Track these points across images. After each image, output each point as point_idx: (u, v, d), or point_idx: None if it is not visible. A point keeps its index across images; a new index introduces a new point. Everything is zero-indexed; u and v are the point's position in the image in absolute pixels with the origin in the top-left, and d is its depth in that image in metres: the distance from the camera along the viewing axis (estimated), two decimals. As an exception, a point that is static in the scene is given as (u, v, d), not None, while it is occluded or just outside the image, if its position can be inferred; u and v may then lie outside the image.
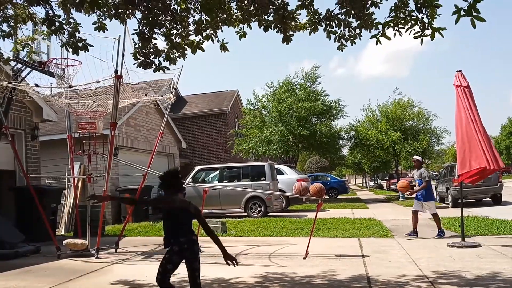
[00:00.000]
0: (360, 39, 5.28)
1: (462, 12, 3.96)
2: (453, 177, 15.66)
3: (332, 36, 5.22)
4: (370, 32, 5.02)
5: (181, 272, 4.49)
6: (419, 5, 4.57)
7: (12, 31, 5.85)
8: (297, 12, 5.13)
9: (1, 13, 5.40)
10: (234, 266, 3.91)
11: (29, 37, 6.95)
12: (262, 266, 6.87)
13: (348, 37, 5.23)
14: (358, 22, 5.01)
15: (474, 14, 3.94)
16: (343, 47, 5.33)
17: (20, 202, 10.18)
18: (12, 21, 5.64)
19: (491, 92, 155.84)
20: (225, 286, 5.71)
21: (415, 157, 10.03)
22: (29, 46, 7.23)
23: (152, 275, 6.41)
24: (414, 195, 9.84)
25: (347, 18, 5.05)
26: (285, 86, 24.49)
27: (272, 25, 5.21)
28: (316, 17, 5.12)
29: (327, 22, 5.12)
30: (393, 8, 4.75)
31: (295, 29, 5.29)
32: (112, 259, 7.82)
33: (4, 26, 5.70)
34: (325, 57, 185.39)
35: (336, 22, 5.10)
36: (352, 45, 5.33)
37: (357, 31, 5.15)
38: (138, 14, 5.19)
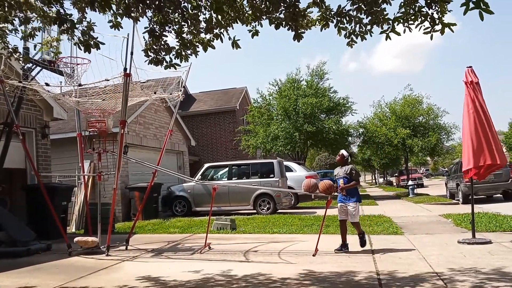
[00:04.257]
0: (371, 36, 5.23)
1: (471, 5, 3.93)
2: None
3: (343, 32, 5.19)
4: (382, 28, 4.98)
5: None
6: (428, 1, 4.52)
7: (32, 32, 5.91)
8: (308, 10, 5.10)
9: (21, 15, 5.44)
10: None
11: (54, 38, 6.99)
12: (272, 263, 6.88)
13: (358, 33, 5.20)
14: (369, 18, 4.97)
15: (483, 7, 3.91)
16: (353, 43, 5.29)
17: (31, 200, 10.28)
18: (34, 22, 5.68)
19: (506, 87, 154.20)
20: (238, 283, 5.72)
21: (342, 151, 8.09)
22: (55, 47, 7.28)
23: (166, 271, 6.47)
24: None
25: (358, 15, 5.01)
26: (289, 83, 24.44)
27: (283, 22, 5.17)
28: (328, 13, 5.08)
29: (338, 18, 5.09)
30: (402, 4, 4.71)
31: (306, 27, 5.26)
32: (122, 256, 7.87)
33: (23, 27, 5.76)
34: (337, 51, 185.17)
35: (347, 19, 5.06)
36: (362, 41, 5.29)
37: (368, 27, 5.11)
38: (149, 12, 5.21)
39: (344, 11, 5.01)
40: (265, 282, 5.67)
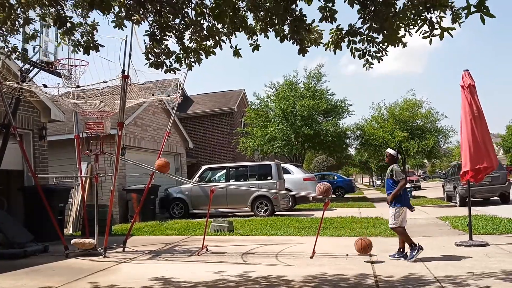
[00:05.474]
0: (386, 55, 5.13)
1: (472, 8, 3.96)
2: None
3: (357, 53, 5.12)
4: (395, 47, 4.95)
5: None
6: (428, 5, 4.53)
7: (34, 34, 5.92)
8: (315, 24, 5.06)
9: (24, 16, 5.45)
10: None
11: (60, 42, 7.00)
12: (269, 265, 6.88)
13: (374, 53, 5.13)
14: (382, 37, 4.94)
15: (484, 10, 3.94)
16: (369, 65, 5.23)
17: (28, 202, 10.25)
18: (35, 23, 5.70)
19: (504, 90, 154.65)
20: (235, 285, 5.71)
21: (388, 150, 7.53)
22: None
23: (163, 273, 6.46)
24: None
25: (370, 33, 4.97)
26: (287, 85, 24.50)
27: (289, 36, 5.13)
28: (339, 33, 5.02)
29: (350, 38, 5.02)
30: (402, 8, 4.72)
31: (315, 43, 5.23)
32: (119, 258, 7.85)
33: (26, 29, 5.78)
34: (336, 53, 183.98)
35: (359, 37, 5.02)
36: (379, 62, 5.18)
37: (382, 46, 5.06)
38: (150, 17, 5.21)
39: (355, 29, 4.96)
40: (262, 284, 5.67)
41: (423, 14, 4.64)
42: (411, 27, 4.78)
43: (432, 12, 4.55)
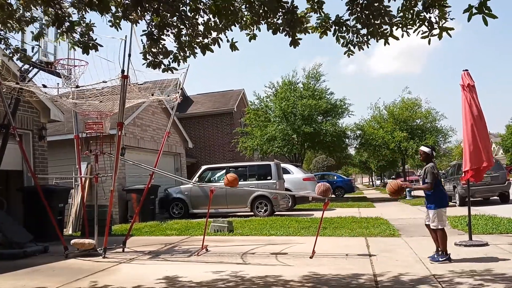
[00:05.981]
0: (368, 47, 5.20)
1: (474, 10, 3.96)
2: (460, 175, 15.59)
3: (341, 41, 5.19)
4: (378, 41, 5.00)
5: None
6: (426, 5, 4.54)
7: (41, 31, 5.94)
8: (306, 15, 5.10)
9: (28, 15, 5.48)
10: None
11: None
12: (269, 265, 6.88)
13: (356, 43, 5.20)
14: (367, 30, 4.98)
15: (486, 11, 3.94)
16: (350, 53, 5.29)
17: (28, 202, 10.25)
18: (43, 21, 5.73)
19: (504, 90, 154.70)
20: (234, 285, 5.71)
21: (421, 147, 7.25)
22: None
23: (163, 274, 6.46)
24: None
25: (356, 25, 5.01)
26: (286, 85, 24.51)
27: (281, 28, 5.16)
28: (326, 21, 5.07)
29: (336, 27, 5.08)
30: (400, 9, 4.73)
31: (304, 32, 5.26)
32: (119, 259, 7.85)
33: (31, 28, 5.81)
34: (336, 53, 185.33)
35: (345, 28, 5.07)
36: (360, 50, 5.27)
37: (365, 38, 5.11)
38: (147, 16, 5.21)
39: (341, 20, 5.01)
40: (261, 284, 5.67)
41: (422, 14, 4.64)
42: (409, 27, 4.80)
43: (431, 12, 4.56)
